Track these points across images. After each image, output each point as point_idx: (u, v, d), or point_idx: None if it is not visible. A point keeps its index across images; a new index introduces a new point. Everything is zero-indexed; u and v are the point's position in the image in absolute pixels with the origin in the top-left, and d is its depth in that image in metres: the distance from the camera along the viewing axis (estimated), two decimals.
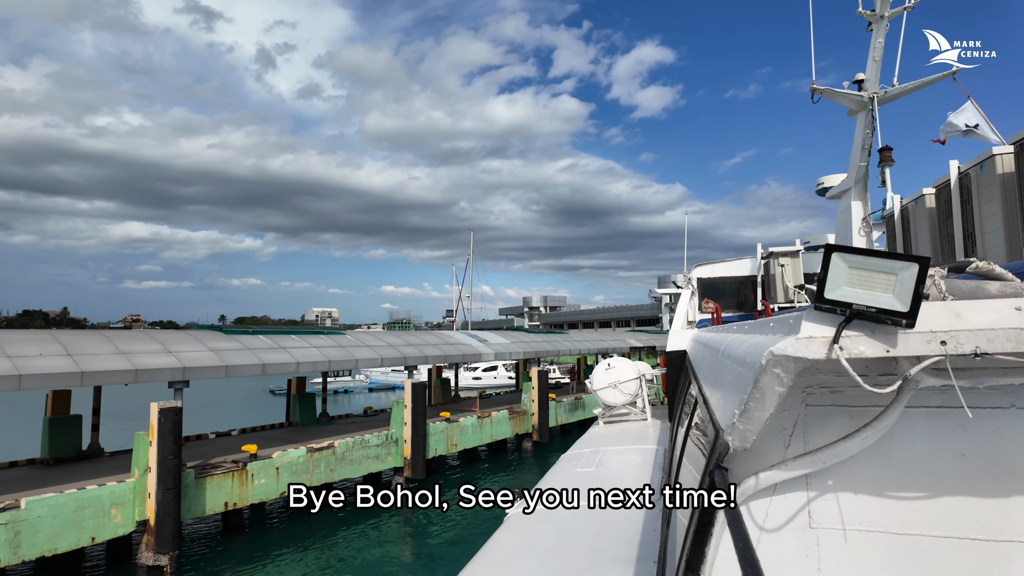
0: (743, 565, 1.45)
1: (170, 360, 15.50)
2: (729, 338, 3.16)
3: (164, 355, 15.67)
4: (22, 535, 12.17)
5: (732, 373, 2.40)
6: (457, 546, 15.41)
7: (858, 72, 12.49)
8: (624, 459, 9.09)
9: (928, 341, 1.71)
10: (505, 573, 5.05)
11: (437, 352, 24.23)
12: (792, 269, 12.90)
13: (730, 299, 14.02)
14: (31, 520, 12.30)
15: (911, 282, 1.67)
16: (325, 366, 19.72)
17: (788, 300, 12.63)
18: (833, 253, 1.78)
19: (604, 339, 40.06)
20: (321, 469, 17.84)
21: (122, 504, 13.71)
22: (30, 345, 14.13)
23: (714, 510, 2.09)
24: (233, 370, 16.56)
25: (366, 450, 19.25)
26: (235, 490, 15.71)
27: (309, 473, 17.49)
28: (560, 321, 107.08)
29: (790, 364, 1.73)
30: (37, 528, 12.34)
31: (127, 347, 15.50)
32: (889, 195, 18.11)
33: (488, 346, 27.42)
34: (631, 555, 5.02)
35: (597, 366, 13.35)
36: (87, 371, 13.91)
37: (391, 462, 19.93)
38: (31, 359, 13.51)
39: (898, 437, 2.20)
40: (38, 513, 12.41)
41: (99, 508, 13.32)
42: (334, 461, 18.24)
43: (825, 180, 32.09)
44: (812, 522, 2.30)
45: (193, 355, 16.17)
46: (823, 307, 1.78)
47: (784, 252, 13.13)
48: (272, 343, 19.00)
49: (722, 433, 2.13)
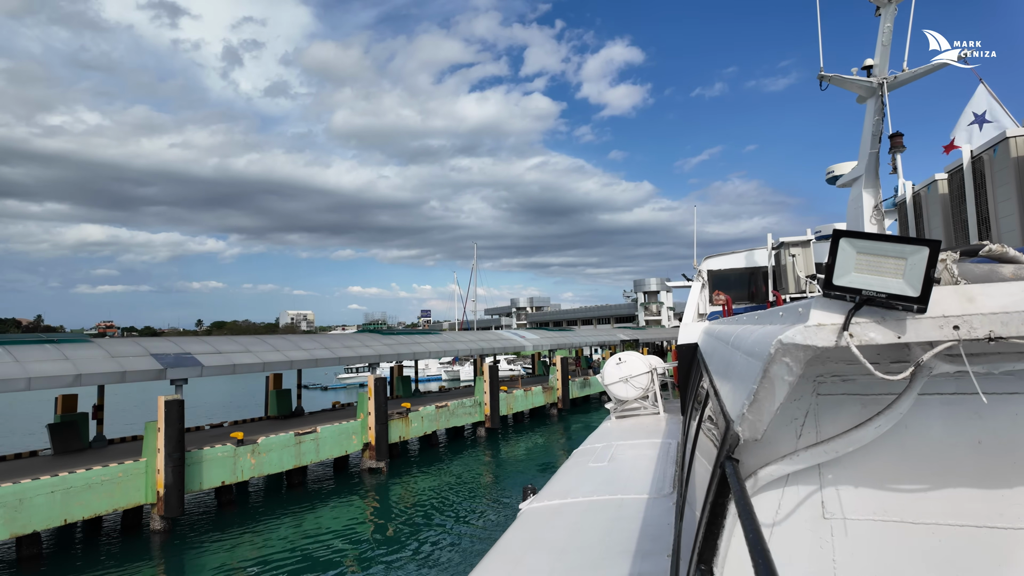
0: (754, 557, 1.43)
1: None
2: (739, 329, 3.11)
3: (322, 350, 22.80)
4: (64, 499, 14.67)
5: (742, 363, 2.36)
6: (416, 512, 18.21)
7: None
8: (636, 453, 9.00)
9: (940, 326, 1.66)
10: (519, 568, 5.01)
11: (499, 345, 33.60)
12: (803, 259, 12.70)
13: (741, 290, 13.81)
14: (77, 488, 14.82)
15: (921, 266, 1.63)
16: (410, 356, 27.53)
17: (800, 290, 12.42)
18: (841, 239, 1.74)
19: (600, 335, 50.65)
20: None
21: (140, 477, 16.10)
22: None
23: (725, 502, 2.05)
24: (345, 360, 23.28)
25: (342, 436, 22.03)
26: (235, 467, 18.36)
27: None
28: (545, 320, 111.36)
29: (799, 352, 1.69)
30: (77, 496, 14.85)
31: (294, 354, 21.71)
32: (900, 182, 17.62)
33: (527, 341, 36.80)
34: (644, 549, 4.99)
35: (608, 360, 13.23)
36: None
37: (356, 445, 22.56)
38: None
39: (912, 425, 2.16)
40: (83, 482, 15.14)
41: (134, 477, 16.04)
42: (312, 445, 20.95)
43: (835, 168, 31.58)
44: (825, 512, 2.26)
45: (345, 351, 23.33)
46: (832, 294, 1.74)
47: (795, 242, 12.91)
48: (358, 342, 25.49)
49: (732, 424, 2.09)
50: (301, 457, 19.97)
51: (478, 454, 26.08)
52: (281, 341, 22.93)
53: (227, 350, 19.42)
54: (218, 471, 17.60)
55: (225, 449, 17.82)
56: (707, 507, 2.18)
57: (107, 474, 15.26)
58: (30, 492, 13.81)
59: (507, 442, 28.68)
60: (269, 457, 18.93)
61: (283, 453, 19.37)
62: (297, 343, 22.81)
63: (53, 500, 14.18)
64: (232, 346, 19.99)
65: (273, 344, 21.85)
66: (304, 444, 20.07)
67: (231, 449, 17.95)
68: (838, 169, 31.09)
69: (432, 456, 25.67)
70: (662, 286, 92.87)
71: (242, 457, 18.18)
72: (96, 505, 15.00)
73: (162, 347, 18.15)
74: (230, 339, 20.83)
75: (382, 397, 22.45)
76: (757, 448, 2.21)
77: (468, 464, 24.16)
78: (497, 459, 25.37)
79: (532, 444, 28.25)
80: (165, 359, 17.15)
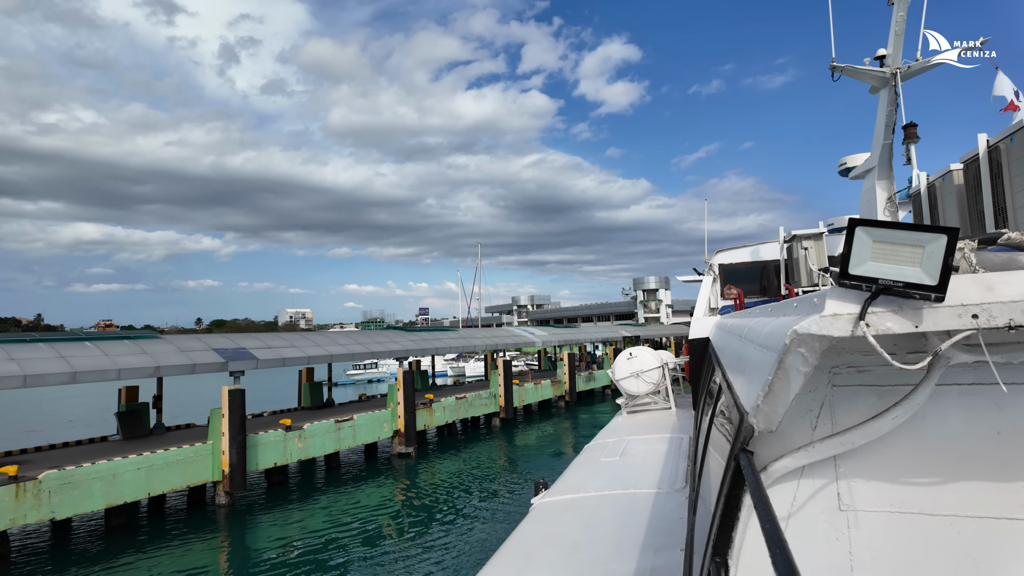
0: (771, 548, 1.40)
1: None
2: (752, 321, 3.04)
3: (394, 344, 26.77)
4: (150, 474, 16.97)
5: (756, 355, 2.32)
6: (439, 492, 20.29)
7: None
8: (648, 448, 9.06)
9: (959, 315, 1.62)
10: (531, 563, 5.01)
11: (512, 341, 35.95)
12: (816, 252, 12.52)
13: (753, 284, 13.71)
14: (158, 466, 17.14)
15: (939, 254, 1.59)
16: (433, 352, 29.73)
17: (812, 283, 12.27)
18: (857, 227, 1.70)
19: (603, 331, 51.98)
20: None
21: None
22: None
23: (740, 494, 2.04)
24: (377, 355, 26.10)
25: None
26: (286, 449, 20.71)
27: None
28: (545, 317, 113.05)
29: (815, 343, 1.66)
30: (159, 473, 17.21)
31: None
32: (915, 173, 16.94)
33: (537, 337, 38.69)
34: (657, 543, 5.00)
35: (619, 355, 13.27)
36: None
37: (387, 432, 24.91)
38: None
39: (929, 416, 2.12)
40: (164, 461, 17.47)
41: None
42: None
43: (848, 160, 30.88)
44: (841, 504, 2.23)
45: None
46: (848, 283, 1.70)
47: (807, 235, 12.75)
48: (386, 338, 28.27)
49: (747, 416, 2.07)
50: (340, 442, 22.12)
51: (494, 442, 28.29)
52: (321, 337, 25.08)
53: (275, 345, 21.52)
54: (271, 453, 19.73)
55: (276, 434, 19.92)
56: (721, 499, 2.18)
57: (181, 455, 17.38)
58: (121, 468, 15.93)
59: (520, 431, 30.95)
60: (314, 441, 21.05)
61: (325, 438, 21.50)
62: (334, 339, 24.91)
63: (139, 476, 16.30)
64: (279, 342, 22.11)
65: (314, 340, 23.99)
66: (343, 430, 22.20)
67: (281, 434, 20.05)
68: (851, 161, 30.35)
69: (453, 443, 27.87)
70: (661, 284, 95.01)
71: (291, 441, 20.31)
72: (173, 481, 17.14)
73: (220, 343, 20.19)
74: (277, 336, 23.02)
75: (410, 388, 24.57)
76: (772, 440, 2.18)
77: (486, 450, 26.39)
78: (512, 446, 27.57)
79: (543, 433, 30.49)
80: (225, 353, 19.23)
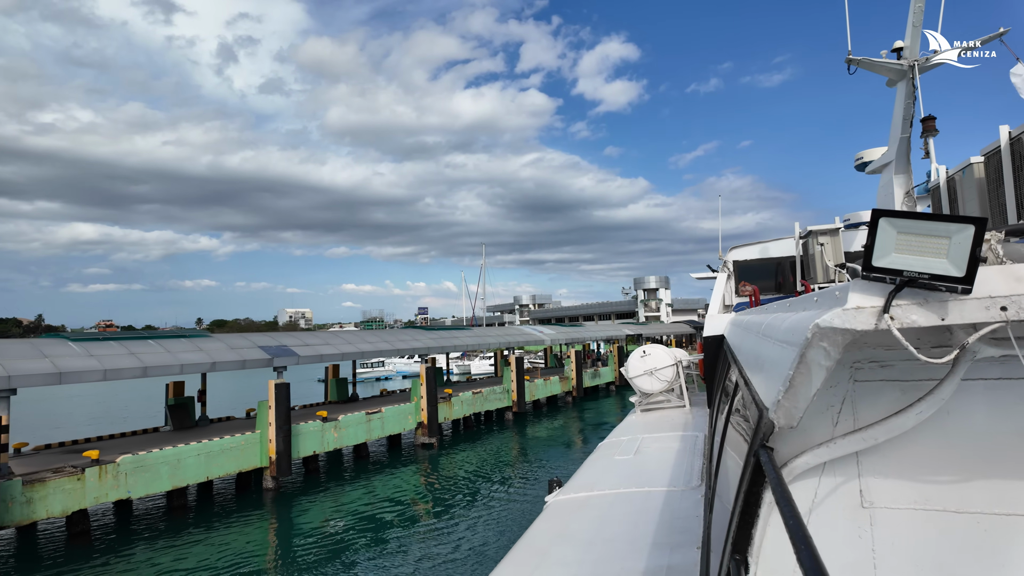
0: (796, 544, 1.35)
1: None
2: (770, 317, 2.98)
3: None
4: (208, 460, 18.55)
5: (775, 350, 2.22)
6: (455, 482, 21.51)
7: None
8: (662, 446, 9.04)
9: (987, 307, 1.54)
10: (546, 560, 5.01)
11: (522, 340, 37.47)
12: (832, 247, 12.38)
13: (768, 281, 13.59)
14: (214, 452, 18.69)
15: (967, 245, 1.52)
16: (452, 349, 31.17)
17: (828, 280, 12.13)
18: (881, 218, 1.64)
19: (607, 330, 52.89)
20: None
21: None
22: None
23: (760, 491, 1.98)
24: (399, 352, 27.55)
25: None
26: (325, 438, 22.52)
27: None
28: (547, 316, 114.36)
29: (837, 336, 1.59)
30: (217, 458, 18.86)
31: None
32: (933, 166, 16.60)
33: (545, 335, 40.51)
34: (673, 541, 4.99)
35: (632, 353, 13.24)
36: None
37: (411, 424, 26.66)
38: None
39: (954, 411, 2.05)
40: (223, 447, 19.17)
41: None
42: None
43: (865, 154, 29.87)
44: (864, 501, 2.17)
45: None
46: (871, 276, 1.63)
47: (823, 230, 12.66)
48: (409, 336, 29.90)
49: (766, 412, 1.98)
50: (370, 432, 23.88)
51: (508, 434, 30.10)
52: (351, 335, 26.86)
53: (312, 343, 23.23)
54: (311, 442, 21.42)
55: (315, 424, 21.63)
56: (740, 496, 2.14)
57: (234, 443, 19.07)
58: (184, 454, 17.63)
59: (531, 425, 32.78)
60: (347, 431, 22.81)
61: (357, 429, 23.26)
62: (363, 337, 26.61)
63: (199, 461, 17.99)
64: (315, 340, 23.85)
65: (345, 338, 25.75)
66: (372, 422, 23.95)
67: (319, 424, 21.77)
68: (868, 155, 29.18)
69: (471, 435, 29.66)
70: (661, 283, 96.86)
71: (328, 431, 22.04)
72: (227, 466, 18.85)
73: (263, 340, 21.89)
74: (312, 334, 24.77)
75: (433, 383, 26.29)
76: (792, 436, 2.12)
77: (502, 442, 28.20)
78: (525, 438, 29.38)
79: (553, 426, 32.36)
80: (270, 350, 20.92)
